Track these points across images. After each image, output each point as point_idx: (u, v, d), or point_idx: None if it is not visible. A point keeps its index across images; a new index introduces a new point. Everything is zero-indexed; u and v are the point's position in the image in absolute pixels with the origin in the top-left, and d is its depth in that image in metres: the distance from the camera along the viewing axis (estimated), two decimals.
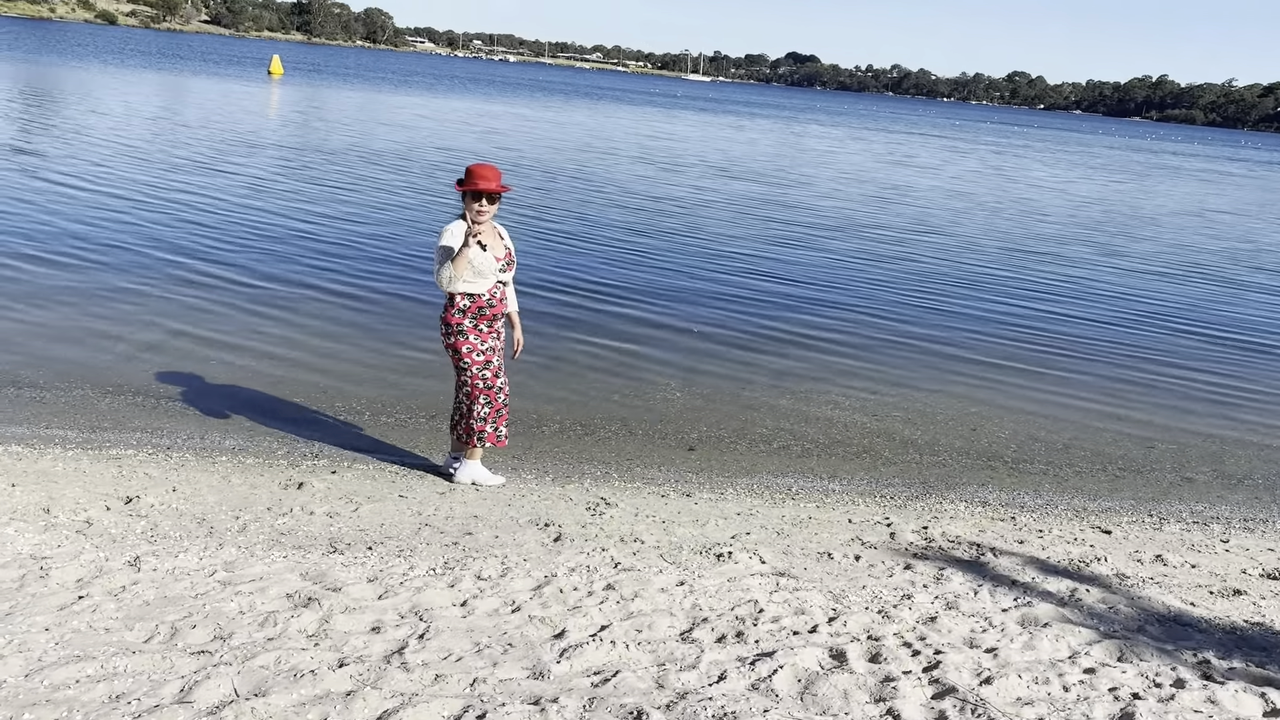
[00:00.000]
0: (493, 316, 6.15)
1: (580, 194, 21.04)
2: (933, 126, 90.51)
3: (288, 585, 4.70)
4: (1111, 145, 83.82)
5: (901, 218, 22.17)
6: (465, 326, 6.08)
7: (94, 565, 4.78)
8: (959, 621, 4.82)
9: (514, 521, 5.84)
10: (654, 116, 61.18)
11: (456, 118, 42.61)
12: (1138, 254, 19.87)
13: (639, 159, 30.69)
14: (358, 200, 17.67)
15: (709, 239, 16.82)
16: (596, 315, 11.06)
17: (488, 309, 6.10)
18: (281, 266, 12.02)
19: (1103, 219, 25.83)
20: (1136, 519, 6.90)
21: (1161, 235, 23.48)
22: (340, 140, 28.07)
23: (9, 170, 17.23)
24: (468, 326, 6.08)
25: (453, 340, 6.11)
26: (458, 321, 6.07)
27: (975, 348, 11.13)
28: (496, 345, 6.23)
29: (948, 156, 47.51)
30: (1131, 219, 26.54)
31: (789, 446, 7.86)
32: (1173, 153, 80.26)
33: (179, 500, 5.78)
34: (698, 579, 5.15)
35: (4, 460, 6.20)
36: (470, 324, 6.08)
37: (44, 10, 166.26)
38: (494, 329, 6.20)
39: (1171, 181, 44.52)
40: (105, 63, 61.12)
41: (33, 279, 10.51)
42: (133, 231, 13.25)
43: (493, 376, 6.20)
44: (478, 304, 6.06)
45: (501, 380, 6.26)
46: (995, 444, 8.28)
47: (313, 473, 6.47)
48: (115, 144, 22.17)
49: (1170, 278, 17.24)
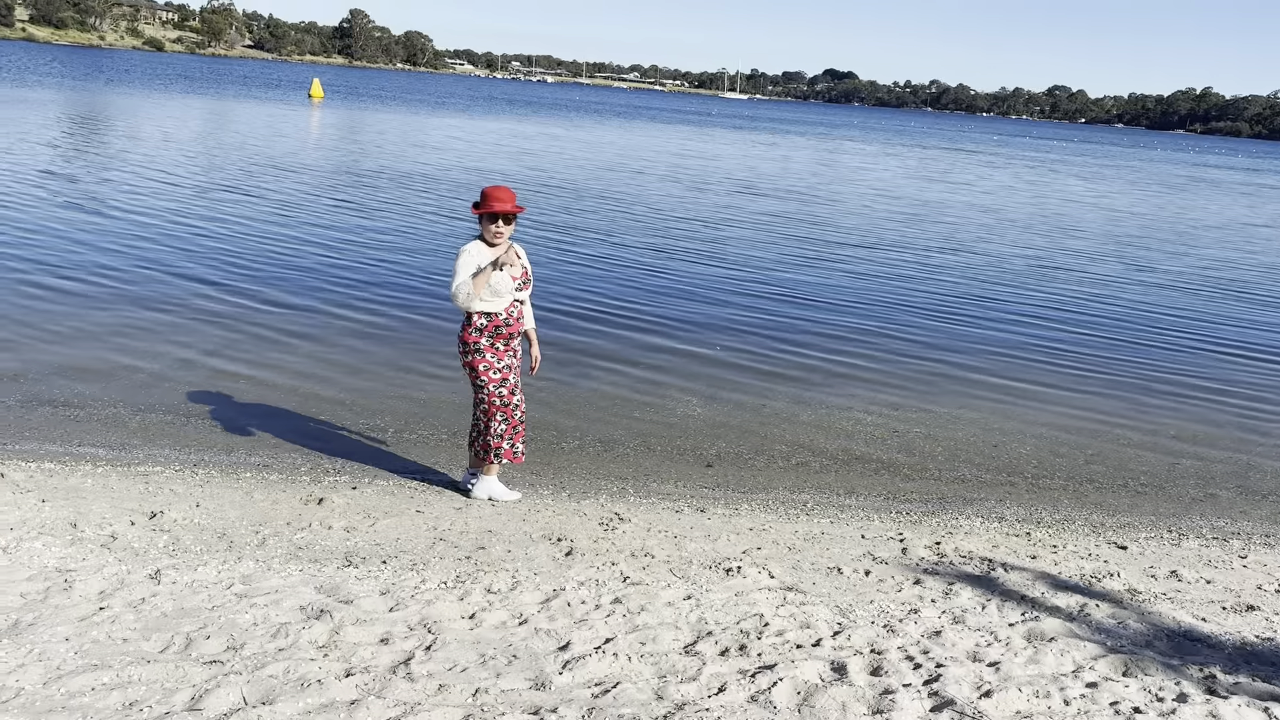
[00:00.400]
0: (509, 335, 6.25)
1: (606, 213, 21.20)
2: (969, 142, 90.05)
3: (301, 598, 4.82)
4: (1150, 159, 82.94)
5: (930, 235, 22.11)
6: (482, 345, 6.19)
7: (116, 578, 4.92)
8: (964, 636, 4.84)
9: (527, 536, 5.93)
10: (685, 135, 61.40)
11: (489, 139, 43.04)
12: (1170, 270, 19.67)
13: (666, 178, 30.82)
14: (383, 223, 17.94)
15: (734, 257, 16.89)
16: (621, 333, 11.16)
17: (504, 327, 6.21)
18: (306, 289, 12.24)
19: (1137, 234, 25.60)
20: (1155, 534, 6.86)
21: (1196, 251, 23.21)
22: (372, 162, 28.48)
23: (47, 195, 17.69)
24: (485, 345, 6.20)
25: (470, 358, 6.23)
26: (475, 340, 6.18)
27: (999, 365, 11.10)
28: (513, 363, 6.33)
29: (982, 172, 47.27)
30: (1166, 234, 26.27)
31: (807, 463, 7.90)
32: (1214, 165, 79.24)
33: (202, 515, 5.93)
34: (705, 593, 5.21)
35: (36, 476, 6.39)
36: (487, 342, 6.20)
37: (94, 38, 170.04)
38: (511, 347, 6.31)
39: (1211, 195, 43.97)
40: (150, 88, 62.41)
41: (66, 302, 10.79)
42: (162, 255, 13.56)
43: (509, 394, 6.30)
44: (495, 323, 6.18)
45: (518, 398, 6.36)
46: (1016, 460, 8.27)
47: (334, 489, 6.60)
48: (151, 169, 22.66)
49: (1203, 295, 17.04)
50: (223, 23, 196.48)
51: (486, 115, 65.25)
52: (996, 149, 77.25)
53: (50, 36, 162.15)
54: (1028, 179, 44.78)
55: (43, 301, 10.69)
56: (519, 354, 6.43)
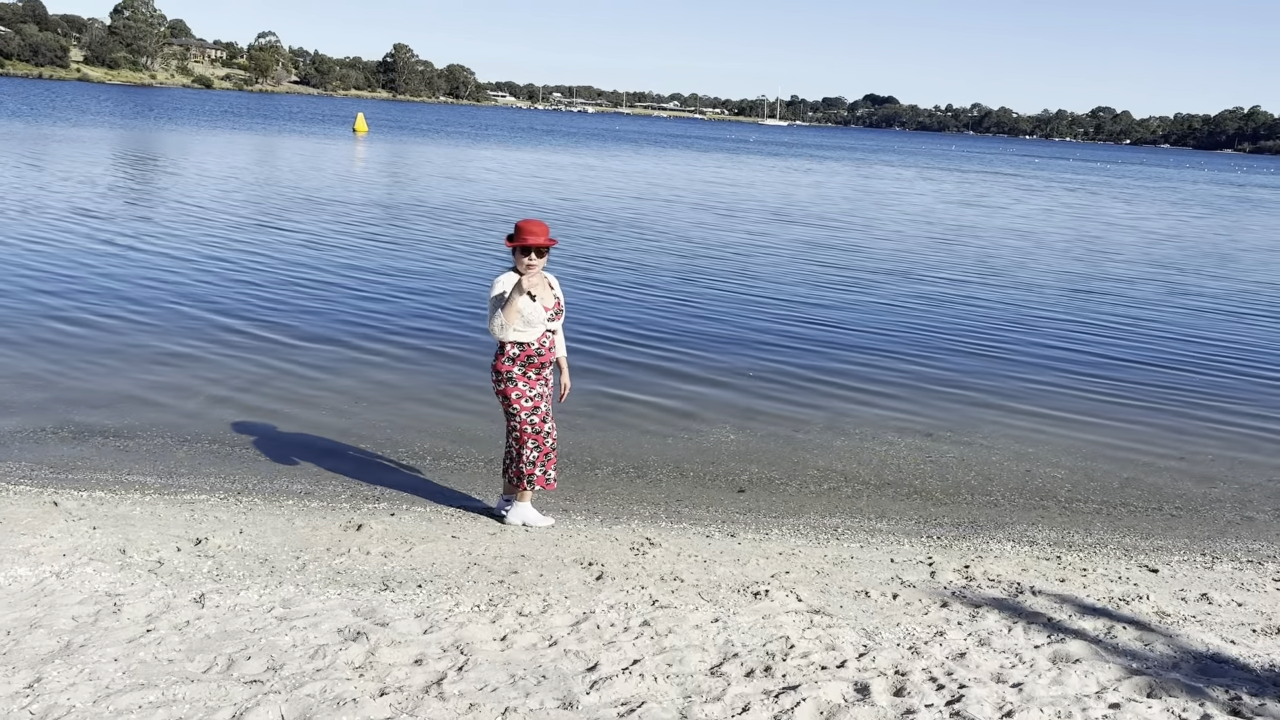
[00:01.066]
0: (541, 364, 6.40)
1: (636, 241, 21.40)
2: (1008, 164, 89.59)
3: (339, 621, 4.98)
4: (1194, 179, 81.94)
5: (963, 259, 22.09)
6: (515, 374, 6.35)
7: (162, 601, 5.11)
8: (988, 657, 4.89)
9: (559, 561, 6.06)
10: (720, 162, 61.71)
11: (523, 169, 43.55)
12: (1209, 293, 19.47)
13: (698, 206, 31.00)
14: (417, 256, 18.27)
15: (766, 285, 16.99)
16: (653, 361, 11.30)
17: (536, 357, 6.36)
18: (343, 323, 12.52)
19: (1175, 257, 25.36)
20: (1187, 558, 6.85)
21: (1238, 273, 22.95)
22: (410, 195, 28.98)
23: (89, 232, 18.21)
24: (517, 374, 6.35)
25: (503, 387, 6.39)
26: (507, 369, 6.34)
27: (1033, 389, 11.09)
28: (545, 391, 6.48)
29: (1019, 195, 47.03)
30: (1207, 256, 25.99)
31: (839, 488, 7.96)
32: (1261, 185, 78.17)
33: (245, 541, 6.12)
34: (732, 616, 5.30)
35: (88, 504, 6.62)
36: (519, 371, 6.35)
37: (145, 77, 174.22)
38: (543, 376, 6.46)
39: (1255, 216, 43.41)
40: (197, 125, 63.87)
41: (113, 336, 11.13)
42: (204, 291, 13.92)
43: (540, 422, 6.45)
44: (527, 352, 6.33)
45: (549, 425, 6.51)
46: (1049, 484, 8.27)
47: (372, 515, 6.77)
48: (194, 204, 23.24)
49: (1242, 318, 16.87)
50: (270, 60, 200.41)
51: (523, 146, 66.05)
52: (1035, 172, 76.80)
53: (104, 76, 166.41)
54: (1065, 201, 44.48)
55: (91, 336, 11.03)
56: (550, 383, 6.57)
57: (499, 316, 6.12)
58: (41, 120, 55.66)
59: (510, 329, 6.17)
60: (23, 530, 6.02)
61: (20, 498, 6.68)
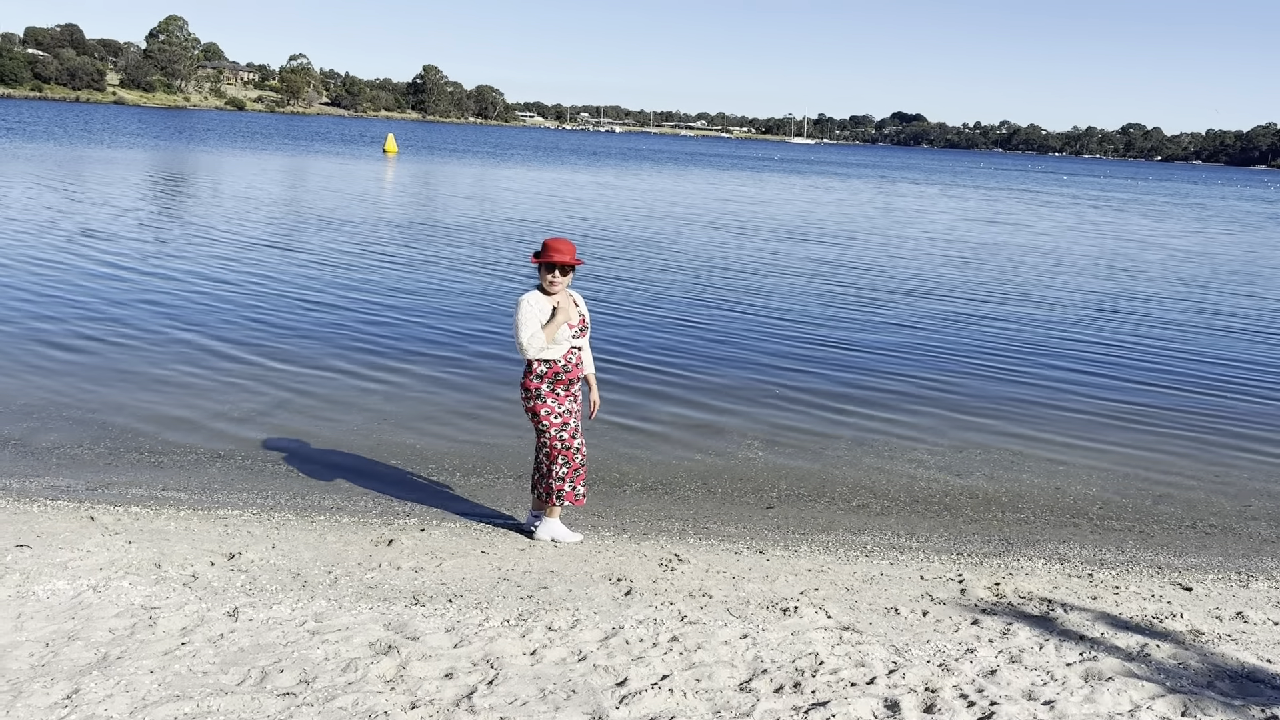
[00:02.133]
0: (569, 381, 6.45)
1: (655, 260, 21.46)
2: (1033, 181, 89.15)
3: (371, 634, 5.02)
4: (1224, 195, 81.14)
5: (991, 277, 22.02)
6: (543, 391, 6.40)
7: (197, 615, 5.17)
8: (1020, 674, 4.86)
9: (588, 576, 6.08)
10: (740, 180, 61.74)
11: (542, 189, 43.74)
12: (1239, 311, 19.28)
13: (715, 225, 30.98)
14: (447, 272, 18.40)
15: (792, 302, 16.99)
16: (681, 378, 11.32)
17: (564, 374, 6.40)
18: (373, 340, 12.64)
19: (1204, 274, 25.15)
20: (1222, 576, 6.78)
21: (1267, 291, 22.71)
22: (438, 215, 29.20)
23: (132, 251, 18.48)
24: (545, 391, 6.40)
25: (532, 404, 6.43)
26: (536, 386, 6.39)
27: (1063, 407, 11.02)
28: (574, 408, 6.52)
29: (1044, 212, 46.72)
30: (1235, 274, 25.74)
31: (868, 505, 7.94)
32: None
33: (277, 556, 6.18)
34: (761, 632, 5.30)
35: (123, 519, 6.71)
36: (548, 388, 6.40)
37: (179, 99, 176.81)
38: (571, 392, 6.50)
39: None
40: (229, 146, 64.69)
41: (150, 353, 11.27)
42: (238, 309, 14.08)
43: (569, 438, 6.48)
44: (554, 369, 6.38)
45: (578, 442, 6.54)
46: (1080, 501, 8.21)
47: (403, 530, 6.82)
48: (228, 227, 23.53)
49: (1271, 337, 16.69)
50: (301, 81, 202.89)
51: (544, 166, 66.37)
52: (1061, 189, 76.34)
53: (139, 99, 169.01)
54: (1089, 219, 44.17)
55: (126, 354, 11.18)
56: (579, 399, 6.61)
57: (539, 338, 6.18)
58: (76, 142, 56.60)
59: (537, 348, 6.23)
60: (61, 544, 6.11)
61: (58, 512, 6.79)
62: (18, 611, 5.10)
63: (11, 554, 5.91)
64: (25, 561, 5.80)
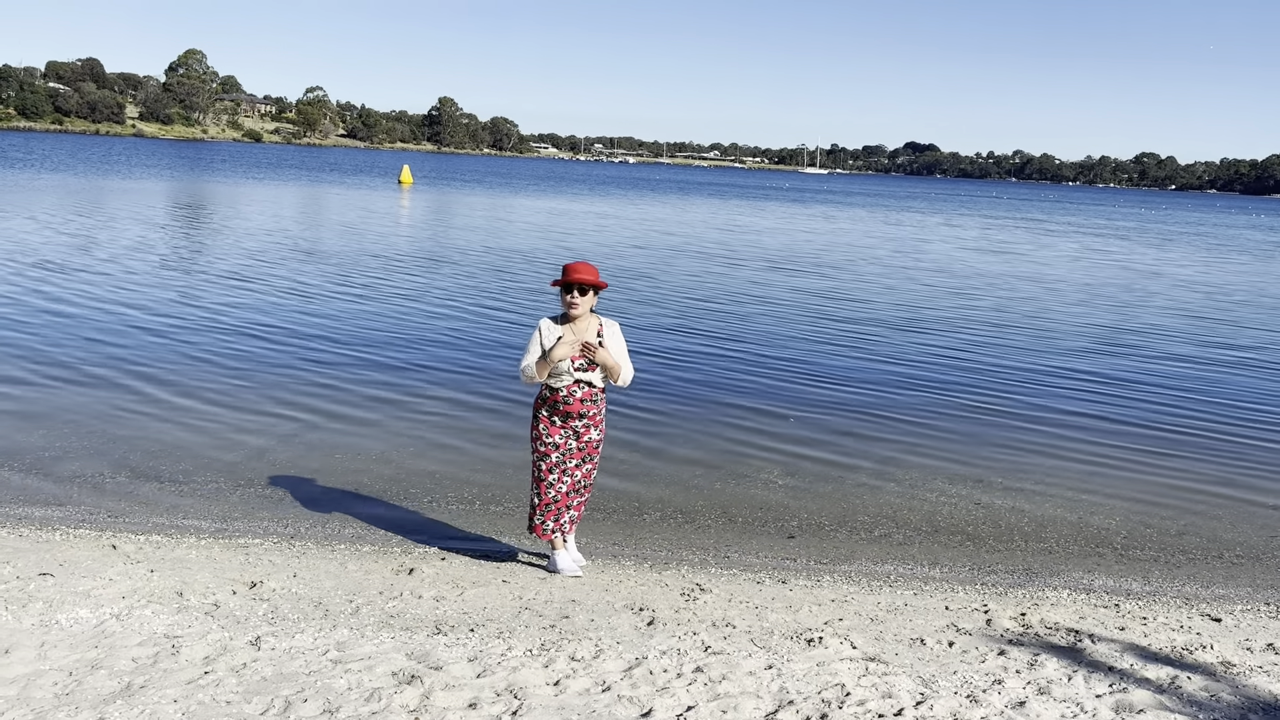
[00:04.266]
0: (566, 413, 6.28)
1: (651, 291, 21.50)
2: (1039, 211, 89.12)
3: (393, 664, 4.99)
4: (1231, 224, 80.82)
5: (1013, 307, 21.95)
6: (540, 415, 6.35)
7: (219, 644, 5.16)
8: (1049, 706, 4.80)
9: (610, 606, 6.04)
10: (740, 210, 61.90)
11: (534, 219, 43.90)
12: (1257, 341, 19.16)
13: (716, 256, 31.07)
14: (462, 300, 18.46)
15: (811, 329, 16.98)
16: (701, 409, 11.29)
17: (562, 405, 6.27)
18: (391, 370, 12.67)
19: (1217, 304, 25.04)
20: (1251, 607, 6.69)
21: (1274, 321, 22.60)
22: (450, 243, 29.35)
23: (152, 282, 18.60)
24: (542, 416, 6.34)
25: (530, 424, 6.42)
26: (536, 408, 6.38)
27: (1085, 436, 10.95)
28: (565, 444, 6.33)
29: (1048, 241, 46.59)
30: (1253, 305, 25.62)
31: (890, 534, 7.89)
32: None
33: (299, 585, 6.17)
34: (786, 663, 5.25)
35: (145, 548, 6.72)
36: (545, 414, 6.33)
37: (197, 132, 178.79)
38: (569, 426, 6.32)
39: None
40: (245, 177, 65.24)
41: (169, 383, 11.33)
42: (253, 341, 14.14)
43: (546, 470, 6.35)
44: (554, 398, 6.28)
45: (554, 476, 6.35)
46: (1104, 531, 8.14)
47: (424, 559, 6.80)
48: (245, 255, 23.68)
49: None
50: (317, 114, 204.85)
51: (551, 195, 66.77)
52: (1066, 217, 76.34)
53: (158, 132, 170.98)
54: (1093, 246, 44.07)
55: (145, 384, 11.23)
56: (582, 437, 6.38)
57: (530, 369, 6.18)
58: (93, 173, 57.22)
59: (529, 378, 6.20)
60: (83, 573, 6.11)
61: (80, 541, 6.80)
62: (41, 640, 5.10)
63: (35, 582, 5.91)
64: (48, 590, 5.80)
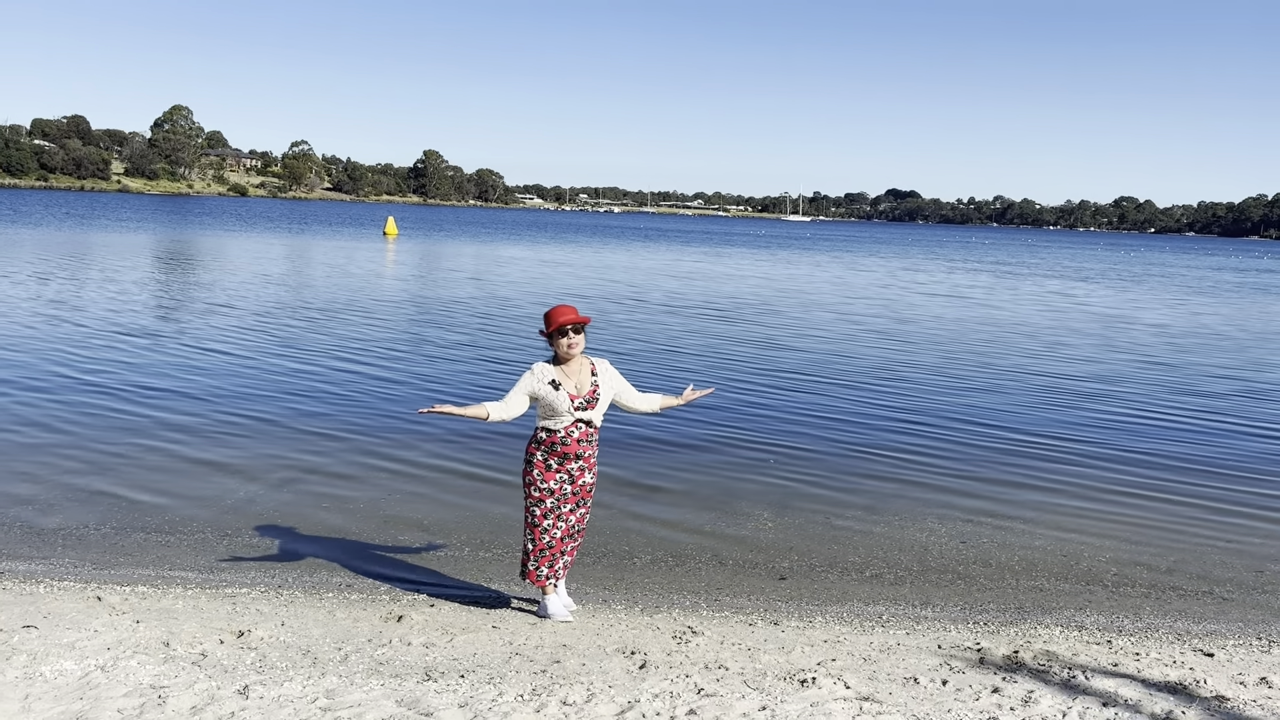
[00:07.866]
0: (563, 455, 6.23)
1: (632, 327, 21.56)
2: (1007, 254, 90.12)
3: (383, 711, 4.94)
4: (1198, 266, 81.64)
5: (988, 346, 22.08)
6: (535, 459, 6.28)
7: (206, 694, 5.09)
8: None
9: (601, 650, 6.00)
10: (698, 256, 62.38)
11: (506, 268, 44.09)
12: (1240, 377, 19.31)
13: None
14: (448, 349, 18.47)
15: (794, 374, 17.02)
16: (687, 452, 11.29)
17: (559, 446, 6.23)
18: (378, 416, 12.63)
19: (1213, 345, 25.24)
20: (1243, 642, 6.69)
21: (1256, 359, 22.78)
22: (435, 292, 29.40)
23: (137, 329, 18.56)
24: (537, 460, 6.28)
25: (523, 469, 6.37)
26: (530, 451, 6.31)
27: (1073, 474, 10.98)
28: (560, 489, 6.28)
29: (1012, 284, 46.95)
30: (1236, 343, 25.85)
31: (881, 574, 7.87)
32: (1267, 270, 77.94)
33: (287, 633, 6.10)
34: (780, 704, 5.21)
35: (130, 599, 6.65)
36: (541, 458, 6.27)
37: (183, 186, 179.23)
38: (565, 469, 6.26)
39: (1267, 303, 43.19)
40: (232, 230, 65.36)
41: (154, 433, 11.26)
42: (239, 392, 14.10)
43: (540, 516, 6.29)
44: (551, 439, 6.23)
45: (549, 522, 6.30)
46: (1094, 568, 8.14)
47: (413, 606, 6.74)
48: (236, 307, 23.67)
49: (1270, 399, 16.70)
50: (303, 167, 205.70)
51: (530, 244, 67.07)
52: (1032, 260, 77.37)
53: (143, 187, 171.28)
54: (1053, 288, 44.47)
55: (129, 435, 11.17)
56: (577, 481, 6.34)
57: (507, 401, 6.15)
58: (75, 228, 57.25)
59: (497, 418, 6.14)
60: (68, 625, 6.04)
61: (65, 593, 6.72)
62: (25, 693, 5.03)
63: (18, 635, 5.84)
64: (32, 642, 5.73)
